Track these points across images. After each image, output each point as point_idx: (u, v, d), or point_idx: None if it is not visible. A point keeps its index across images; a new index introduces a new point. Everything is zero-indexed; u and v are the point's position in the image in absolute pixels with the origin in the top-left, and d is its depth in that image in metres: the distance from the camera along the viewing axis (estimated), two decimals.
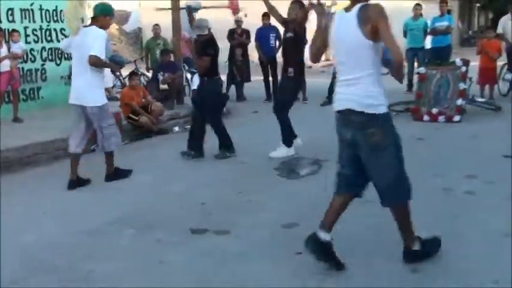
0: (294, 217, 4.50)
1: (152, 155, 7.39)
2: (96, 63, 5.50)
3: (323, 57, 5.25)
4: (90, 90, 5.62)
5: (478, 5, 37.94)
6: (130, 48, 25.70)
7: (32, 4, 9.86)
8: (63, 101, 10.04)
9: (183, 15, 11.32)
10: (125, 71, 11.40)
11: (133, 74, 9.28)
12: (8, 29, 9.19)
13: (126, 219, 4.69)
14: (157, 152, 7.59)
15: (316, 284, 3.36)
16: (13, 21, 9.56)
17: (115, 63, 7.48)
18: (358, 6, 3.34)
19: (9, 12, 9.54)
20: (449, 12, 13.75)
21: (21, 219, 4.83)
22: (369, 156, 3.41)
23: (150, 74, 11.69)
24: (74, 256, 3.93)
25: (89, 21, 6.13)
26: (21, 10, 9.74)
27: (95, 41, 5.48)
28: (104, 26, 5.72)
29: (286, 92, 6.78)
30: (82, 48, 5.53)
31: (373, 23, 3.23)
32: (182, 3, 11.33)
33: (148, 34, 18.71)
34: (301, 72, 6.93)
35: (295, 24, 6.56)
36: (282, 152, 6.69)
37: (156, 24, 12.36)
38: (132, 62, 12.98)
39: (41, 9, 9.93)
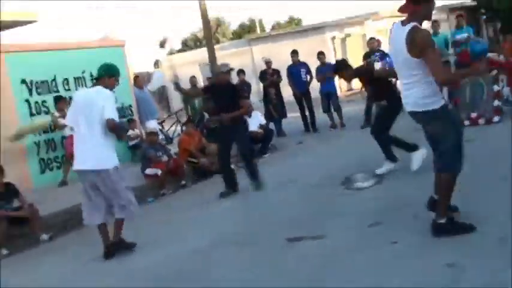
0: (374, 218, 4.96)
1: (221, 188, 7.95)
2: (114, 127, 5.27)
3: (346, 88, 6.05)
4: (105, 152, 5.32)
5: (484, 17, 38.51)
6: (158, 106, 26.69)
7: (83, 72, 10.67)
8: (121, 157, 10.78)
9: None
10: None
11: (188, 122, 9.97)
12: (66, 97, 9.98)
13: (227, 238, 5.23)
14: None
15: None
16: (69, 89, 10.37)
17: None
18: (410, 25, 3.96)
19: (65, 81, 10.37)
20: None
21: (171, 233, 5.39)
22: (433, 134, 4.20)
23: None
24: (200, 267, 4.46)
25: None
26: (75, 78, 10.56)
27: (107, 103, 5.28)
28: (109, 87, 5.47)
29: (382, 117, 6.98)
30: (90, 110, 5.29)
31: (419, 48, 3.91)
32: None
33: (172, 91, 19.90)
34: (391, 96, 6.92)
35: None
36: (387, 167, 6.79)
37: (193, 76, 13.15)
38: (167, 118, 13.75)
39: (91, 76, 10.74)
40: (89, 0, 45.90)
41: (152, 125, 11.73)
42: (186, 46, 39.19)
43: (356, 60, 21.37)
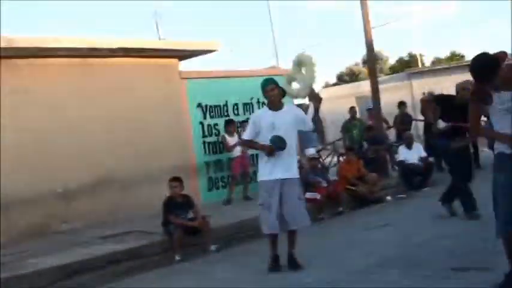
0: None
1: (381, 217, 8.00)
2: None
3: None
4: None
5: None
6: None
7: (251, 98, 11.42)
8: None
9: None
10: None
11: (349, 150, 10.25)
12: (235, 121, 10.77)
13: (389, 261, 5.32)
14: (386, 215, 8.18)
15: None
16: (238, 114, 11.16)
17: None
18: None
19: (235, 106, 11.18)
20: None
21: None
22: None
23: None
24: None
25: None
26: (244, 104, 11.34)
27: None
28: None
29: None
30: (288, 125, 5.66)
31: None
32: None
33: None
34: None
35: None
36: None
37: (353, 107, 13.39)
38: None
39: (258, 102, 11.44)
40: None
41: (311, 152, 12.10)
42: (341, 80, 39.63)
43: None
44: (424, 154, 10.78)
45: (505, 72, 3.96)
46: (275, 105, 5.75)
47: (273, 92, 5.72)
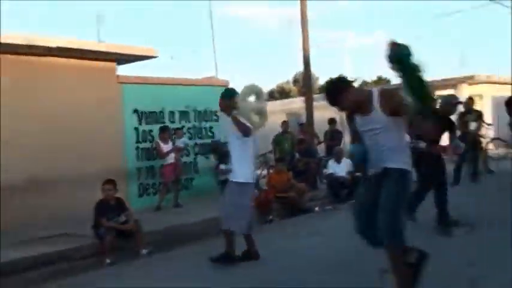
0: None
1: (310, 226, 8.26)
2: None
3: None
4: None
5: None
6: None
7: (188, 107, 11.51)
8: (210, 191, 11.43)
9: None
10: None
11: (279, 161, 10.48)
12: (170, 128, 10.81)
13: (320, 266, 5.54)
14: (315, 225, 8.44)
15: None
16: (174, 121, 11.22)
17: None
18: None
19: (171, 114, 11.24)
20: None
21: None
22: None
23: None
24: None
25: None
26: (180, 112, 11.42)
27: None
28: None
29: None
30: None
31: None
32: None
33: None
34: None
35: None
36: None
37: (285, 121, 13.74)
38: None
39: (195, 110, 11.54)
40: None
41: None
42: (271, 97, 40.41)
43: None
44: (351, 168, 11.19)
45: (349, 96, 4.01)
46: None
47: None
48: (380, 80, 41.97)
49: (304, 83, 13.47)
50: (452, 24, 71.77)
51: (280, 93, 41.36)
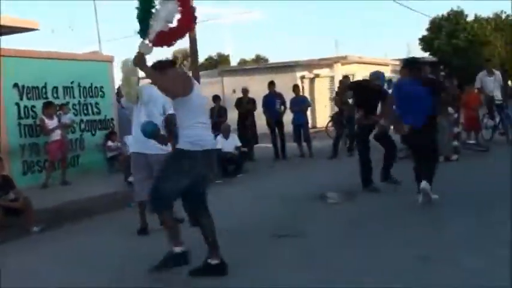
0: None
1: None
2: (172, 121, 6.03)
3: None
4: None
5: (442, 73, 40.69)
6: None
7: (72, 82, 11.16)
8: (98, 168, 11.26)
9: None
10: None
11: None
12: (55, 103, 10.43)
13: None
14: None
15: None
16: (57, 97, 10.82)
17: None
18: None
19: (55, 89, 10.82)
20: None
21: None
22: None
23: None
24: None
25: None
26: (64, 87, 11.03)
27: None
28: None
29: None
30: (152, 105, 6.00)
31: None
32: None
33: None
34: None
35: None
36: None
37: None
38: None
39: (79, 86, 11.22)
40: None
41: (129, 140, 12.11)
42: None
43: (323, 100, 22.60)
44: (239, 144, 11.57)
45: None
46: None
47: None
48: (259, 58, 42.99)
49: (192, 59, 13.51)
50: (328, 7, 75.14)
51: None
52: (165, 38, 4.30)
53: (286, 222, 6.09)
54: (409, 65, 7.05)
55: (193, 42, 12.46)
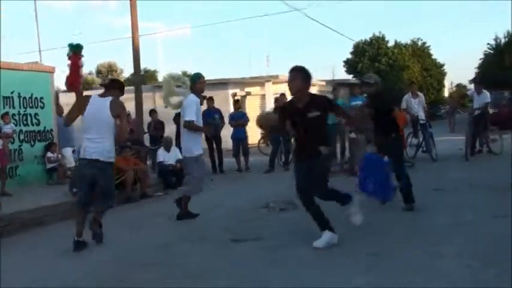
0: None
1: (150, 209, 8.69)
2: (190, 127, 6.95)
3: None
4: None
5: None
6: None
7: (12, 92, 11.04)
8: (36, 179, 11.17)
9: None
10: None
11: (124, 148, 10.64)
12: None
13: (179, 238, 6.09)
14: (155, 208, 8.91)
15: None
16: None
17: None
18: None
19: None
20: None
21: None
22: None
23: None
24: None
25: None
26: (3, 98, 10.89)
27: (187, 108, 6.99)
28: (199, 91, 7.26)
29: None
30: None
31: None
32: None
33: None
34: None
35: None
36: None
37: None
38: None
39: (19, 96, 11.12)
40: None
41: (68, 152, 12.09)
42: None
43: (254, 117, 23.09)
44: (180, 156, 11.79)
45: None
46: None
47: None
48: (185, 74, 43.16)
49: (135, 72, 13.63)
50: (261, 26, 76.64)
51: (83, 85, 40.14)
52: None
53: (241, 229, 6.45)
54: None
55: (136, 57, 12.65)
